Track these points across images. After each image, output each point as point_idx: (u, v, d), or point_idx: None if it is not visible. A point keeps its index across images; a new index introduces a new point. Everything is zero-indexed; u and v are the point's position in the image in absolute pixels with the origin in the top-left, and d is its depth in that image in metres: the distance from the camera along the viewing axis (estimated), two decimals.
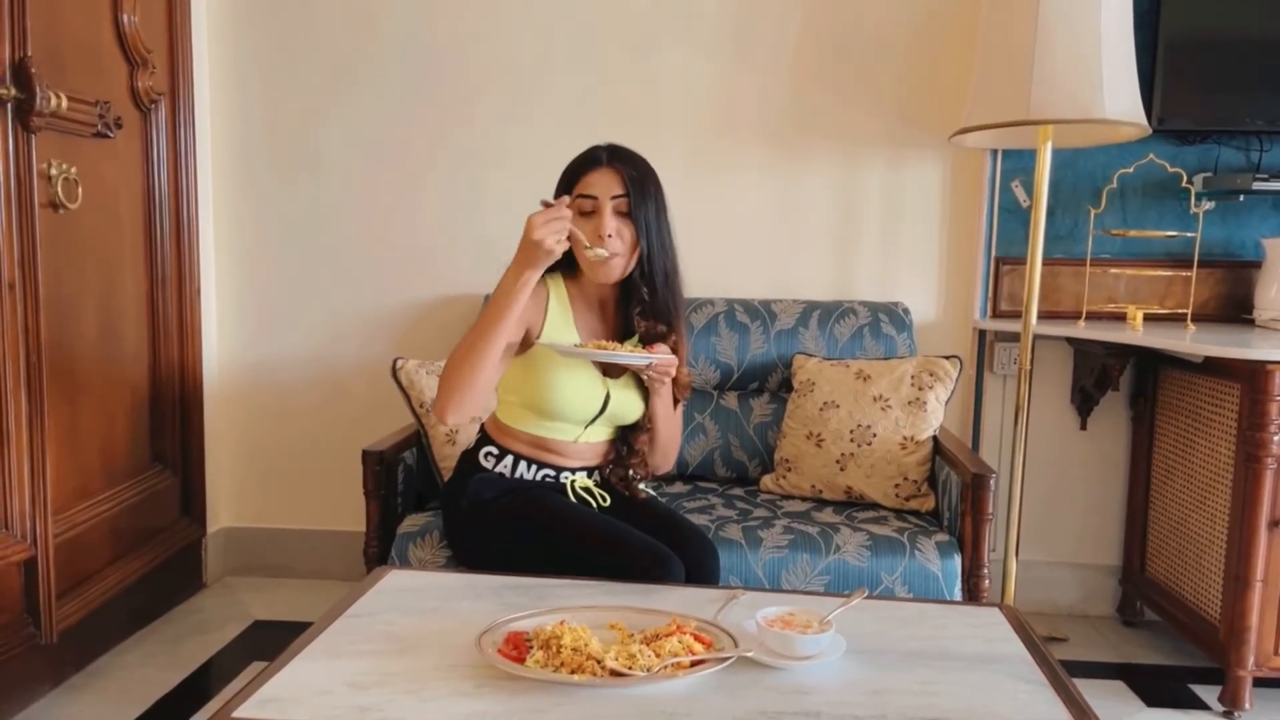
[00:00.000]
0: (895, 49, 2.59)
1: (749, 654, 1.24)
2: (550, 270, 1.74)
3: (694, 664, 1.20)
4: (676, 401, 1.88)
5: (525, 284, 1.60)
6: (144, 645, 2.38)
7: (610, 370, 1.80)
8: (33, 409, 1.95)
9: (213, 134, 2.72)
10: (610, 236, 1.70)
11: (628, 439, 1.87)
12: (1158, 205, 2.57)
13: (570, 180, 1.76)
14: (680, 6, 2.62)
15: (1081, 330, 2.40)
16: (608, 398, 1.80)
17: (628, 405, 1.83)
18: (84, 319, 2.18)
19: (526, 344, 1.77)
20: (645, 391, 1.83)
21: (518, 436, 1.85)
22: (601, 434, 1.88)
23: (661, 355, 1.71)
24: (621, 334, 1.85)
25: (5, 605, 1.93)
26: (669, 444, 1.91)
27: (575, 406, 1.79)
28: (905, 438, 2.19)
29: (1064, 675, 1.26)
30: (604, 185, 1.72)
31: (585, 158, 1.76)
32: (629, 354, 1.68)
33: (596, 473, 1.91)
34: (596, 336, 1.83)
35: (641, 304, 1.78)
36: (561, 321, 1.80)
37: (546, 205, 1.57)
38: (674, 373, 1.76)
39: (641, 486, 1.92)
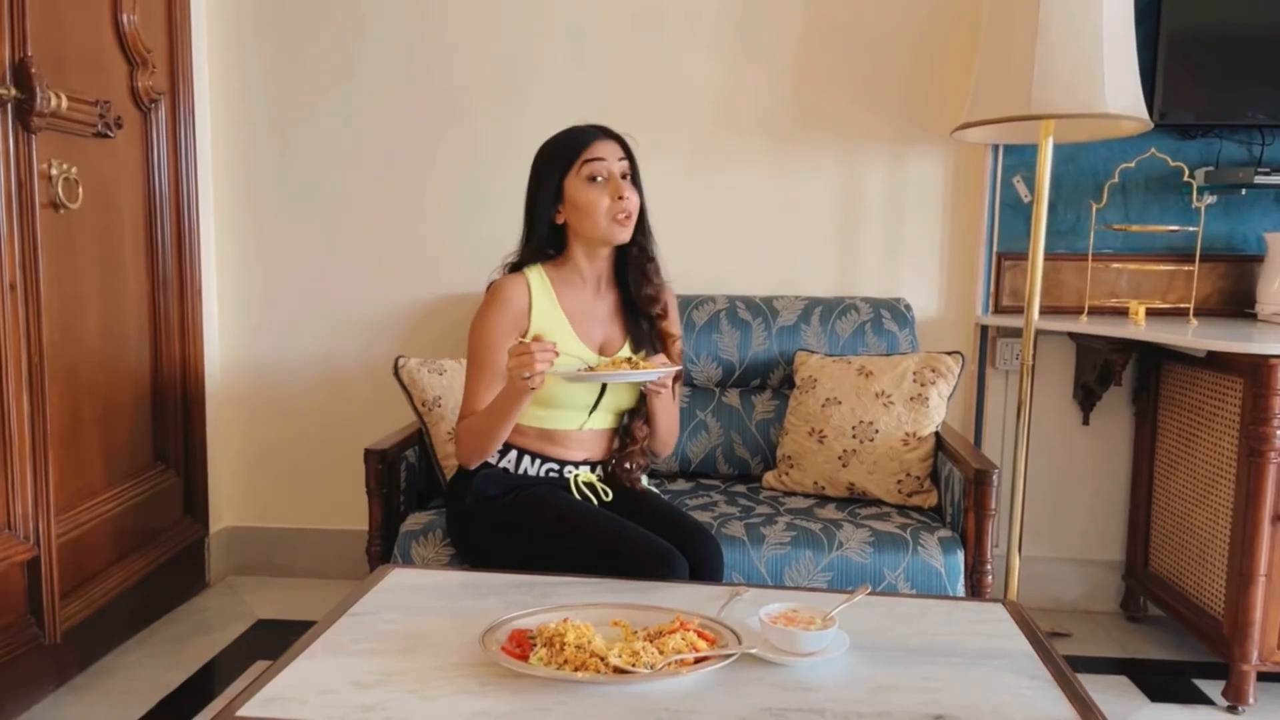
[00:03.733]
0: (897, 45, 2.59)
1: (752, 651, 1.24)
2: (529, 261, 1.86)
3: (697, 661, 1.20)
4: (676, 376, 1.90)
5: (518, 404, 1.70)
6: (147, 645, 2.38)
7: (606, 349, 1.87)
8: (35, 409, 1.96)
9: (213, 133, 2.72)
10: (628, 198, 1.78)
11: (629, 429, 1.89)
12: (1159, 200, 2.56)
13: (571, 154, 1.79)
14: (682, 3, 2.61)
15: (1084, 325, 2.40)
16: None
17: (625, 387, 1.85)
18: (85, 319, 2.18)
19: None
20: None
21: (523, 431, 1.86)
22: (605, 421, 1.89)
23: (663, 370, 1.73)
24: (619, 303, 1.90)
25: (9, 605, 1.93)
26: (669, 433, 1.94)
27: (576, 390, 1.81)
28: (907, 434, 2.18)
29: (1068, 670, 1.26)
30: (610, 152, 1.80)
31: (580, 133, 1.82)
32: (632, 372, 1.71)
33: (600, 466, 1.91)
34: (586, 317, 1.87)
35: (651, 260, 1.87)
36: (548, 308, 1.83)
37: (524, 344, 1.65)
38: (669, 382, 1.82)
39: (644, 481, 1.92)
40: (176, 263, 2.54)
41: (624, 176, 1.79)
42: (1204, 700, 2.18)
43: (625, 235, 1.80)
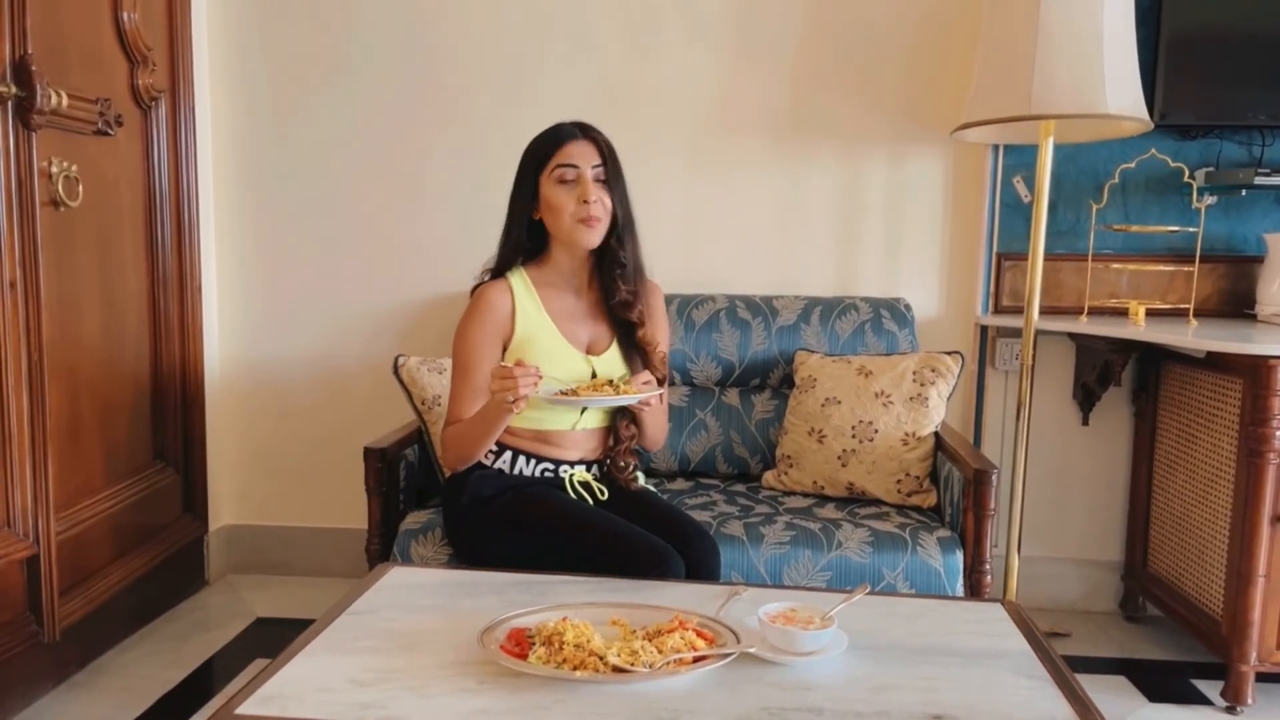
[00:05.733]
0: (897, 45, 2.59)
1: (751, 650, 1.24)
2: (508, 261, 1.87)
3: (696, 660, 1.20)
4: (660, 383, 1.90)
5: (501, 420, 1.72)
6: (146, 643, 2.38)
7: (593, 348, 1.87)
8: (34, 407, 1.96)
9: (213, 131, 2.72)
10: (595, 201, 1.76)
11: (616, 430, 1.89)
12: (1160, 200, 2.56)
13: (545, 154, 1.80)
14: (682, 2, 2.61)
15: (1083, 326, 2.40)
16: (594, 376, 1.83)
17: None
18: (85, 317, 2.18)
19: (505, 346, 1.85)
20: (628, 367, 1.86)
21: (517, 433, 1.86)
22: (597, 421, 1.89)
23: (649, 392, 1.73)
24: (600, 306, 1.89)
25: (8, 603, 1.93)
26: (658, 433, 1.95)
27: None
28: (907, 434, 2.18)
29: (1066, 670, 1.26)
30: (583, 155, 1.78)
31: (557, 133, 1.82)
32: (613, 397, 1.71)
33: (595, 466, 1.91)
34: (571, 316, 1.87)
35: (621, 267, 1.84)
36: (533, 311, 1.84)
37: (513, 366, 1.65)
38: (656, 402, 1.81)
39: (639, 479, 1.93)
40: (176, 261, 2.54)
41: (597, 180, 1.78)
42: (1203, 700, 2.18)
43: (591, 239, 1.79)
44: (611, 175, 1.80)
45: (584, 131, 1.81)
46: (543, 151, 1.81)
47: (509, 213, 1.87)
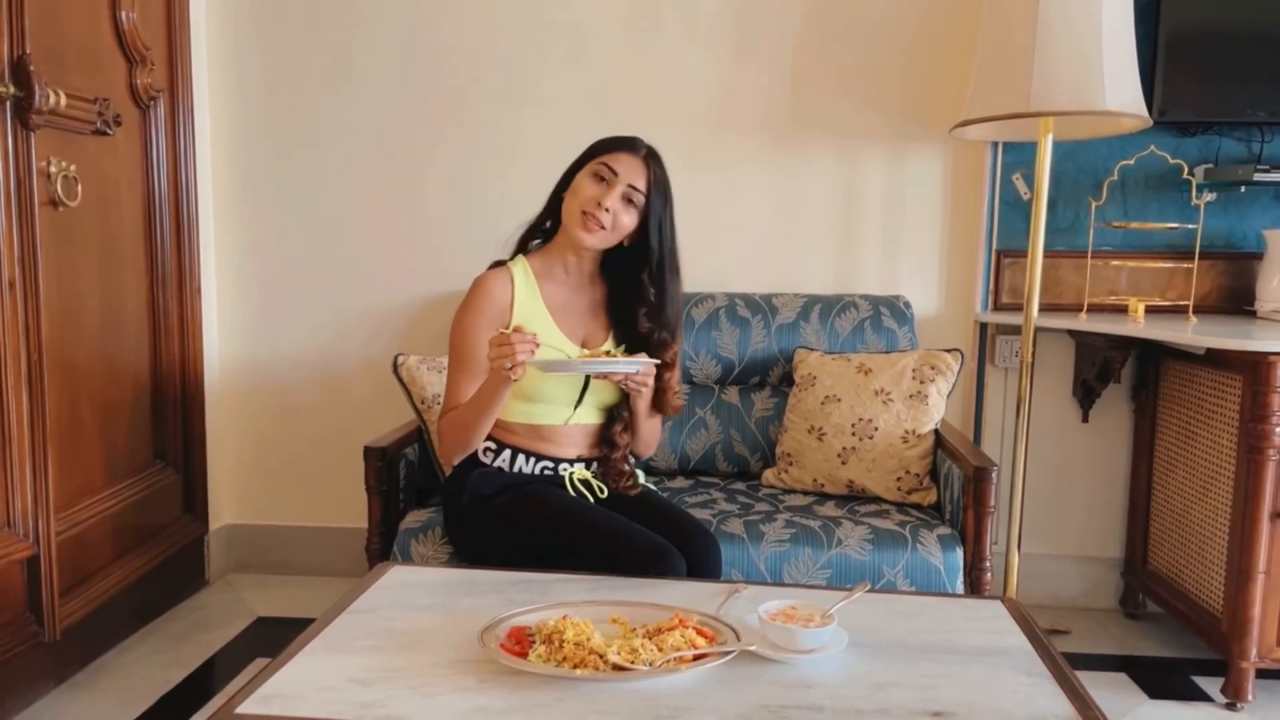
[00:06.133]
0: (896, 42, 2.59)
1: (751, 648, 1.24)
2: (532, 236, 1.88)
3: (696, 658, 1.21)
4: (662, 410, 1.90)
5: (499, 396, 1.70)
6: (147, 642, 2.38)
7: (588, 344, 1.87)
8: (34, 407, 1.95)
9: (212, 130, 2.72)
10: (608, 210, 1.75)
11: (610, 438, 1.88)
12: (1159, 197, 2.56)
13: (601, 148, 1.80)
14: (681, 1, 2.61)
15: (1083, 323, 2.40)
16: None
17: (608, 384, 1.84)
18: (85, 317, 2.18)
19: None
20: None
21: (512, 429, 1.86)
22: (591, 417, 1.89)
23: (645, 361, 1.72)
24: (603, 299, 1.89)
25: (8, 603, 1.93)
26: (651, 436, 1.94)
27: (559, 384, 1.81)
28: (907, 431, 2.18)
29: (1066, 667, 1.26)
30: (629, 169, 1.77)
31: (623, 138, 1.81)
32: (613, 361, 1.70)
33: (594, 464, 1.91)
34: (568, 310, 1.87)
35: (648, 305, 1.83)
36: (530, 302, 1.83)
37: (513, 332, 1.65)
38: (651, 382, 1.78)
39: (640, 477, 1.93)
40: (175, 260, 2.54)
41: (627, 199, 1.76)
42: (1203, 697, 2.19)
43: (585, 238, 1.77)
44: (648, 208, 1.78)
45: (647, 156, 1.80)
46: (601, 146, 1.81)
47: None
